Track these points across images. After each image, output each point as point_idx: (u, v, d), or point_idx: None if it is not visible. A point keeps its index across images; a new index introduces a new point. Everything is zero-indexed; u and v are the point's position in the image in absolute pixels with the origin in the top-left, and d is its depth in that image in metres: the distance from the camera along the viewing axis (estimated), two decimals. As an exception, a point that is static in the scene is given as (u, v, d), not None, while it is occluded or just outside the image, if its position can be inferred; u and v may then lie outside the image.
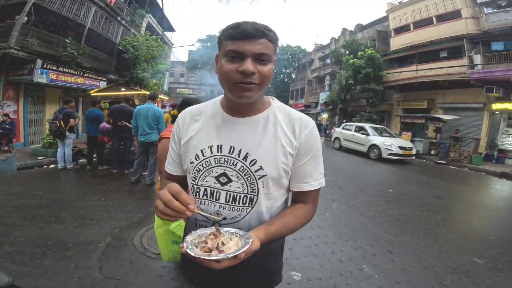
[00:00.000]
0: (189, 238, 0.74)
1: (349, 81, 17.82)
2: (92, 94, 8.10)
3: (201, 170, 0.90)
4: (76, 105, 11.79)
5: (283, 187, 0.92)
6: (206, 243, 0.74)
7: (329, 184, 5.97)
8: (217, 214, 0.90)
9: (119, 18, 13.82)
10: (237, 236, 0.76)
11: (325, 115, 26.07)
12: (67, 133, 6.05)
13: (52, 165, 6.64)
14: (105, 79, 12.36)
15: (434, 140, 13.58)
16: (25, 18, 8.53)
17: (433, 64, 14.22)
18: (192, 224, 0.97)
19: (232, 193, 0.89)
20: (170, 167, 1.02)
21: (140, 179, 5.38)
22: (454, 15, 13.41)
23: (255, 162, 0.86)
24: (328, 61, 26.40)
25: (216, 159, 0.88)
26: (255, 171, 0.86)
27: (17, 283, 0.68)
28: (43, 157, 7.01)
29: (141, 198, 4.53)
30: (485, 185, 7.78)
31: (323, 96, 25.01)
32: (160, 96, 11.45)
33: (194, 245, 0.73)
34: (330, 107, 23.70)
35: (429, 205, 5.02)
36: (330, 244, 3.25)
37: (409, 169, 9.41)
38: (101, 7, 12.07)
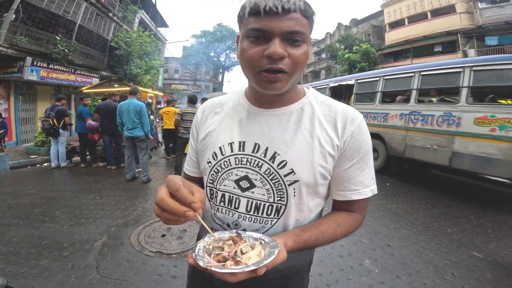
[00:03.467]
0: (201, 244, 0.61)
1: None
2: (84, 91, 7.96)
3: (219, 172, 0.75)
4: (69, 103, 11.64)
5: (319, 195, 0.75)
6: (222, 250, 0.61)
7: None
8: (236, 225, 0.75)
9: (110, 14, 13.66)
10: (261, 243, 0.62)
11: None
12: (61, 131, 5.95)
13: (46, 164, 6.55)
14: (97, 76, 12.27)
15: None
16: (13, 16, 8.39)
17: (427, 59, 14.27)
18: (206, 230, 0.84)
19: (254, 201, 0.73)
20: (188, 167, 0.90)
21: (135, 176, 5.32)
22: (449, 10, 13.48)
23: (285, 164, 0.70)
24: (324, 55, 26.40)
25: (237, 159, 0.73)
26: (285, 176, 0.70)
27: (12, 285, 0.63)
28: (36, 156, 6.92)
29: (137, 196, 4.47)
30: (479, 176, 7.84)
31: (318, 91, 25.00)
32: (154, 92, 11.32)
33: (206, 251, 0.60)
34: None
35: (426, 198, 5.04)
36: (330, 239, 3.23)
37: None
38: (92, 3, 11.92)
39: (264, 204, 0.72)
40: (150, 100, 9.99)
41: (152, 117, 8.87)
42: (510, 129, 4.22)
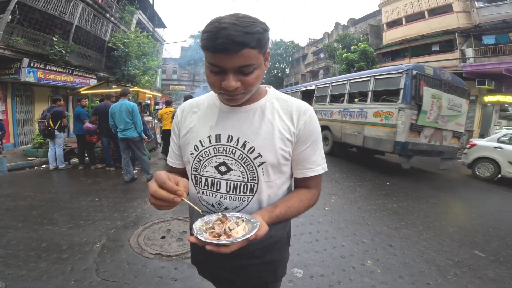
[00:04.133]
0: (197, 224, 0.77)
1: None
2: (82, 92, 7.90)
3: (201, 161, 0.91)
4: (67, 104, 11.58)
5: (284, 174, 0.92)
6: (214, 229, 0.75)
7: (326, 178, 5.95)
8: (219, 204, 0.91)
9: (108, 15, 13.63)
10: (243, 220, 0.77)
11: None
12: (57, 133, 5.90)
13: (44, 166, 6.49)
14: (95, 77, 12.22)
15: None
16: (10, 17, 8.34)
17: (425, 58, 14.31)
18: (198, 215, 0.94)
19: (232, 182, 0.89)
20: (171, 159, 1.05)
21: (134, 177, 5.28)
22: (446, 9, 13.50)
23: (254, 150, 0.86)
24: (322, 55, 26.41)
25: (215, 149, 0.89)
26: (254, 159, 0.86)
27: (11, 288, 0.61)
28: (34, 158, 6.86)
29: (135, 197, 4.43)
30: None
31: (317, 91, 25.02)
32: (152, 93, 11.28)
33: (202, 231, 0.74)
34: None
35: (427, 197, 5.04)
36: (331, 239, 3.21)
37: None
38: (89, 4, 11.88)
39: (240, 184, 0.88)
40: (148, 101, 9.95)
41: (150, 117, 8.82)
42: (390, 119, 6.37)
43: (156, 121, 9.01)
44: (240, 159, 0.87)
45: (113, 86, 8.14)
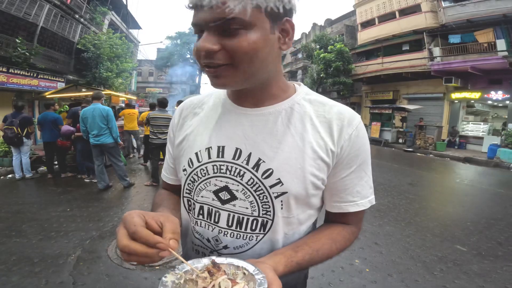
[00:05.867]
0: (169, 278, 0.47)
1: (321, 75, 18.15)
2: (48, 96, 7.44)
3: (196, 181, 0.66)
4: (32, 109, 10.92)
5: (311, 207, 0.66)
6: (196, 285, 0.47)
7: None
8: (216, 240, 0.66)
9: (77, 16, 13.14)
10: (244, 273, 0.50)
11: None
12: (25, 140, 5.50)
13: (9, 175, 6.01)
14: (63, 80, 11.73)
15: (401, 129, 14.32)
16: None
17: (396, 57, 14.90)
18: (190, 247, 0.73)
19: (236, 215, 0.63)
20: (166, 174, 0.81)
21: (109, 185, 5.01)
22: (415, 9, 14.11)
23: (271, 173, 0.60)
24: (300, 55, 26.76)
25: (215, 167, 0.63)
26: (271, 187, 0.60)
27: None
28: (-2, 167, 6.32)
29: (111, 206, 4.21)
30: (452, 171, 8.26)
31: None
32: (127, 96, 10.89)
33: (174, 283, 0.47)
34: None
35: (405, 193, 5.19)
36: (317, 238, 3.20)
37: (380, 157, 9.77)
38: (56, 5, 11.40)
39: (248, 219, 0.62)
40: (123, 104, 9.60)
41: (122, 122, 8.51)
42: None
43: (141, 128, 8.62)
44: (250, 184, 0.61)
45: (83, 90, 7.78)
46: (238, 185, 0.62)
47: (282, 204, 0.61)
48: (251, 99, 0.64)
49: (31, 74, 9.94)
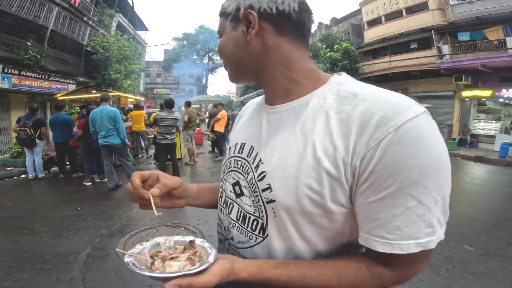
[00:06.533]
0: (160, 240, 0.58)
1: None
2: (59, 98, 7.63)
3: (224, 172, 0.69)
4: (44, 111, 11.16)
5: (324, 228, 0.53)
6: (169, 249, 0.56)
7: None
8: (228, 230, 0.67)
9: (85, 19, 13.29)
10: (204, 255, 0.52)
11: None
12: (37, 141, 5.68)
13: (23, 176, 6.25)
14: (73, 82, 11.88)
15: (411, 128, 14.10)
16: None
17: (404, 55, 14.71)
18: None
19: (243, 211, 0.62)
20: None
21: (118, 184, 5.13)
22: (422, 7, 13.90)
23: (264, 176, 0.55)
24: (305, 55, 26.70)
25: (235, 161, 0.65)
26: (263, 190, 0.55)
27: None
28: (13, 168, 6.61)
29: (120, 205, 4.32)
30: (463, 170, 8.13)
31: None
32: (136, 97, 11.06)
33: (152, 246, 0.57)
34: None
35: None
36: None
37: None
38: (65, 8, 11.55)
39: (250, 217, 0.60)
40: (131, 106, 9.76)
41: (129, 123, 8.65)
42: None
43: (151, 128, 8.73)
44: (250, 184, 0.59)
45: (93, 91, 7.95)
46: (245, 182, 0.61)
47: (274, 213, 0.55)
48: (272, 97, 0.63)
49: (43, 77, 10.09)
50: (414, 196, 0.44)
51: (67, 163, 6.23)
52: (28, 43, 9.35)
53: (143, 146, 8.90)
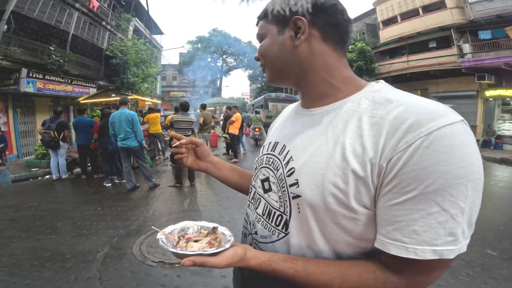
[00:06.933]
0: (187, 224, 0.69)
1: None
2: (82, 102, 7.96)
3: (256, 169, 0.75)
4: (67, 114, 11.61)
5: (346, 231, 0.54)
6: (187, 234, 0.66)
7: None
8: (253, 225, 0.71)
9: (104, 23, 13.65)
10: (223, 242, 0.60)
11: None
12: (61, 143, 5.97)
13: (47, 176, 6.55)
14: (94, 86, 12.21)
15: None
16: (5, 26, 8.35)
17: (423, 55, 14.31)
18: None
19: (269, 206, 0.66)
20: None
21: (136, 186, 5.31)
22: (439, 5, 13.49)
23: (293, 172, 0.59)
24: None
25: (267, 158, 0.70)
26: (290, 186, 0.59)
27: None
28: (37, 168, 6.92)
29: (138, 205, 4.46)
30: (487, 172, 7.64)
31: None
32: (153, 100, 11.34)
33: (181, 229, 0.67)
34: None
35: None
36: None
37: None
38: (84, 13, 11.89)
39: (275, 212, 0.63)
40: (148, 108, 10.00)
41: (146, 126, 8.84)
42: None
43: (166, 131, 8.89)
44: (279, 180, 0.63)
45: (113, 95, 8.23)
46: (274, 178, 0.65)
47: (298, 208, 0.57)
48: (307, 100, 0.67)
49: (66, 81, 10.39)
50: (438, 202, 0.44)
51: (89, 164, 6.49)
52: (51, 48, 9.65)
53: (160, 148, 9.06)
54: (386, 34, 16.67)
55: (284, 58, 0.63)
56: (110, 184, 5.59)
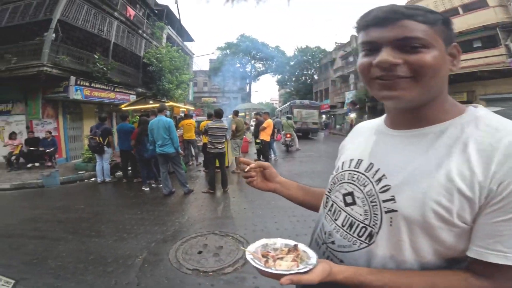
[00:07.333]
0: (267, 242, 0.71)
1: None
2: (124, 109, 8.45)
3: (335, 184, 0.78)
4: (110, 120, 12.23)
5: (440, 243, 0.57)
6: (274, 251, 0.69)
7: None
8: (329, 235, 0.75)
9: (140, 31, 14.10)
10: (308, 259, 0.63)
11: (352, 115, 25.24)
12: (105, 148, 6.38)
13: (92, 179, 7.01)
14: (134, 93, 12.70)
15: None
16: (53, 35, 8.79)
17: (467, 55, 13.34)
18: (314, 237, 0.87)
19: (351, 218, 0.70)
20: None
21: (172, 191, 5.48)
22: (480, 4, 12.65)
23: (388, 189, 0.62)
24: (351, 59, 25.69)
25: (350, 174, 0.74)
26: (384, 201, 0.62)
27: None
28: (84, 171, 7.43)
29: (173, 211, 4.60)
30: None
31: (349, 96, 24.32)
32: (186, 106, 11.70)
33: (263, 247, 0.70)
34: (358, 106, 22.90)
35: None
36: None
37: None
38: (122, 21, 12.34)
39: (359, 224, 0.68)
40: (183, 114, 10.33)
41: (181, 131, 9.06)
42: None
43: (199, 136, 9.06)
44: (368, 195, 0.66)
45: (150, 102, 8.61)
46: (360, 193, 0.69)
47: (391, 221, 0.61)
48: (402, 122, 0.67)
49: (109, 88, 10.91)
50: None
51: (129, 168, 6.84)
52: (96, 56, 10.18)
53: (193, 153, 9.24)
54: (423, 35, 15.84)
55: (442, 79, 0.60)
56: (148, 189, 5.84)
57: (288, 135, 11.59)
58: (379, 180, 0.65)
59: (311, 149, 13.00)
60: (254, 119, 10.48)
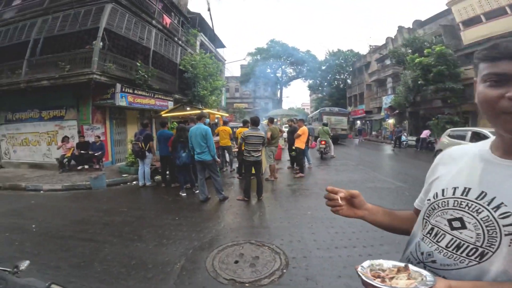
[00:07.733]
0: (372, 262, 0.74)
1: (418, 82, 16.16)
2: (163, 115, 8.81)
3: (436, 209, 0.80)
4: (151, 126, 12.79)
5: None
6: (382, 271, 0.70)
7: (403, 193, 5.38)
8: (429, 255, 0.79)
9: (176, 39, 14.50)
10: (422, 279, 0.65)
11: (391, 121, 24.05)
12: (147, 153, 6.72)
13: (134, 182, 7.42)
14: (172, 99, 13.13)
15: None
16: (101, 43, 9.24)
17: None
18: (407, 254, 0.90)
19: (458, 240, 0.73)
20: (417, 201, 0.98)
21: (208, 197, 5.57)
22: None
23: (509, 216, 0.66)
24: (388, 62, 24.62)
25: (456, 202, 0.76)
26: (504, 226, 0.66)
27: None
28: (127, 175, 7.89)
29: (210, 218, 4.67)
30: None
31: (386, 100, 23.33)
32: (219, 113, 11.90)
33: (370, 268, 0.71)
34: (397, 111, 21.78)
35: None
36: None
37: None
38: (160, 29, 12.79)
39: (468, 246, 0.71)
40: (217, 121, 10.53)
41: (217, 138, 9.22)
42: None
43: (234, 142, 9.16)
44: (483, 220, 0.69)
45: (187, 108, 8.93)
46: (472, 219, 0.71)
47: (511, 242, 0.64)
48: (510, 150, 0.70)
49: (150, 95, 11.39)
50: None
51: (167, 173, 7.11)
52: (138, 64, 10.69)
53: (228, 160, 9.33)
54: (470, 36, 14.73)
55: None
56: (185, 194, 6.02)
57: (323, 142, 11.35)
58: (497, 207, 0.67)
59: (346, 157, 12.61)
60: (287, 126, 10.40)
